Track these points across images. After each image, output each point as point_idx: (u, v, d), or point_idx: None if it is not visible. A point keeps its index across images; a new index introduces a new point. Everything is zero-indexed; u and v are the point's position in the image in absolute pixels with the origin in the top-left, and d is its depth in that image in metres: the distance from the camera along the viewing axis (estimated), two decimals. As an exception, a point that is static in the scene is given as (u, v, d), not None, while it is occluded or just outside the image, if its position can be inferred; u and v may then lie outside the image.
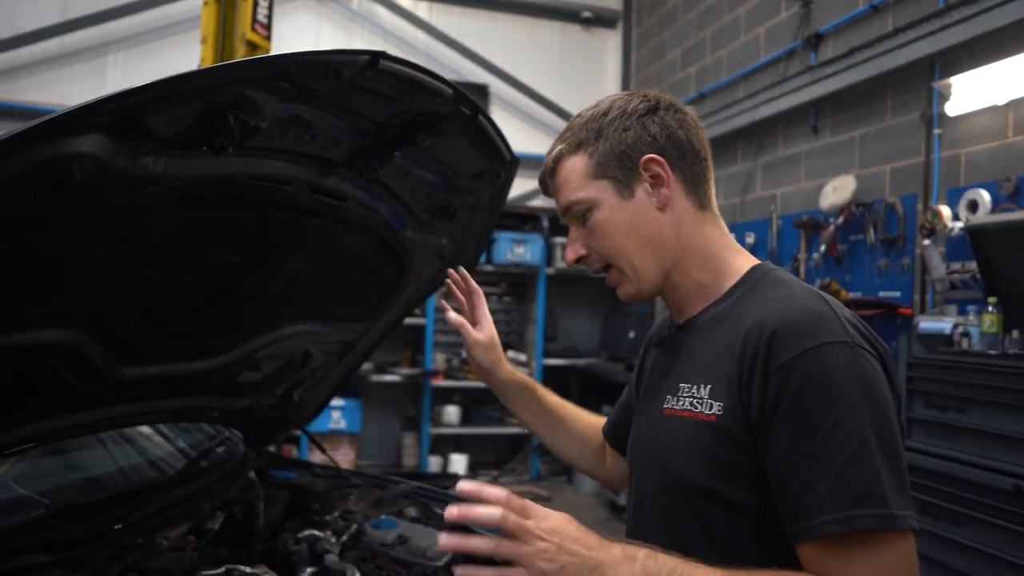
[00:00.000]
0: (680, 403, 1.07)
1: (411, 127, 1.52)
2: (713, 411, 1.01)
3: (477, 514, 0.84)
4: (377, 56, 1.20)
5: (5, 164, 0.90)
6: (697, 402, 1.04)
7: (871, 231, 3.94)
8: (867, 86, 4.08)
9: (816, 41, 4.50)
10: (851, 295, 4.01)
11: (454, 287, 1.60)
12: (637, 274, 1.13)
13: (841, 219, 4.08)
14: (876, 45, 3.93)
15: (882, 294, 3.86)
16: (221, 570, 1.57)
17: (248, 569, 1.57)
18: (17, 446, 1.53)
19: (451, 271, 1.61)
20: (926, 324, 3.05)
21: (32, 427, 1.54)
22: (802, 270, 4.45)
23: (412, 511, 2.16)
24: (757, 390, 0.96)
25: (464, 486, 0.89)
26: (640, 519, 1.14)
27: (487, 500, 0.87)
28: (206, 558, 1.73)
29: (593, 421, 1.59)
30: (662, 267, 1.13)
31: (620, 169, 1.11)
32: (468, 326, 1.56)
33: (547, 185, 1.20)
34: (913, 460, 2.84)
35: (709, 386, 1.03)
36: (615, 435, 1.46)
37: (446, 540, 0.86)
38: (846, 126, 4.29)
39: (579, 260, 1.17)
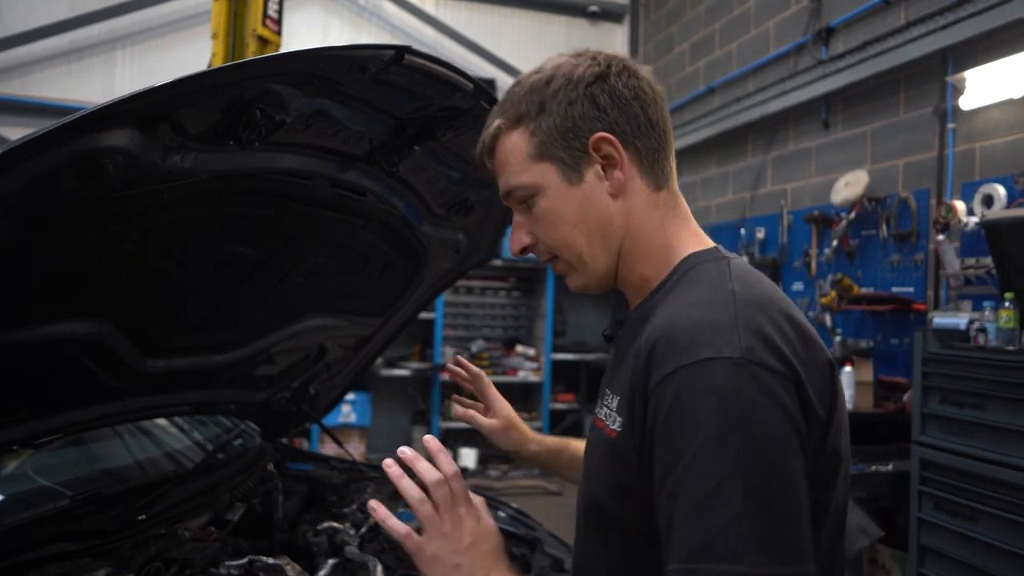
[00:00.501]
0: (600, 412, 0.98)
1: (431, 122, 1.53)
2: (615, 426, 0.90)
3: (421, 467, 0.93)
4: (402, 51, 1.21)
5: (42, 158, 0.91)
6: (608, 413, 0.94)
7: (884, 226, 3.93)
8: (879, 80, 4.06)
9: (827, 35, 4.48)
10: (863, 290, 4.00)
11: (459, 379, 1.48)
12: (586, 267, 1.01)
13: (853, 214, 4.07)
14: (888, 39, 3.92)
15: (895, 290, 3.86)
16: (244, 560, 1.58)
17: (270, 560, 1.59)
18: (43, 437, 1.55)
19: (449, 364, 1.49)
20: (941, 320, 3.04)
21: (58, 418, 1.56)
22: (813, 265, 4.45)
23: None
24: (639, 410, 0.85)
25: (431, 444, 0.97)
26: (577, 529, 1.07)
27: (440, 466, 0.94)
28: (227, 549, 1.75)
29: None
30: (612, 258, 1.00)
31: (566, 150, 0.96)
32: (479, 417, 1.44)
33: (485, 164, 1.04)
34: (929, 456, 2.84)
35: (617, 397, 0.92)
36: None
37: (391, 468, 0.94)
38: (857, 120, 4.28)
39: (525, 250, 1.04)
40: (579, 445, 1.39)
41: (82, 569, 1.48)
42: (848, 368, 3.71)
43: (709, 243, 1.01)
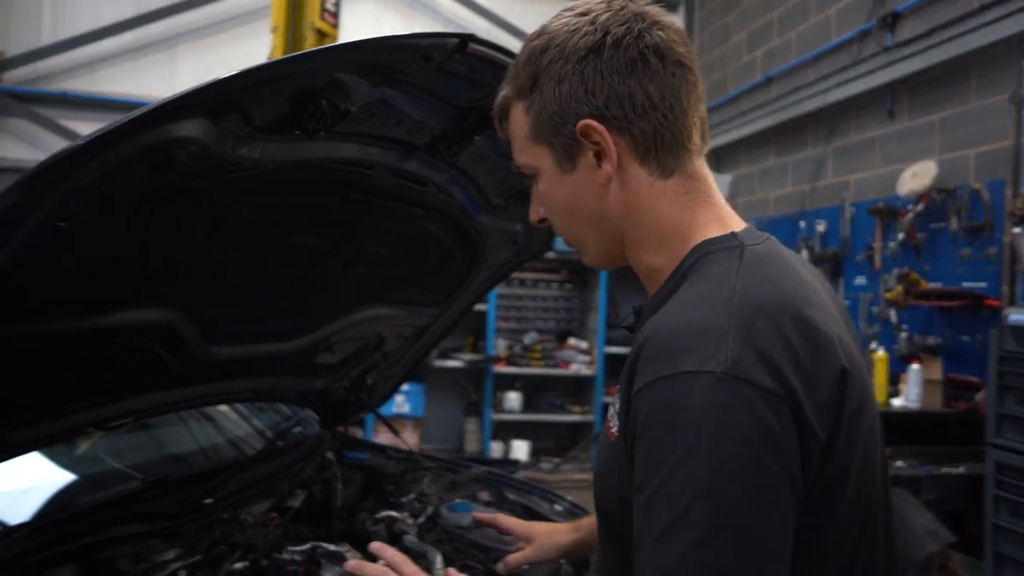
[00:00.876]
0: (610, 412, 0.91)
1: (492, 110, 1.52)
2: (615, 430, 0.85)
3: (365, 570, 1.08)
4: (466, 39, 1.20)
5: (118, 149, 0.93)
6: (613, 414, 0.88)
7: (953, 219, 3.77)
8: (948, 67, 3.90)
9: (893, 21, 4.31)
10: (931, 285, 3.86)
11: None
12: (586, 249, 0.96)
13: (921, 206, 3.92)
14: (959, 24, 3.75)
15: (966, 285, 3.70)
16: (306, 546, 1.60)
17: (332, 547, 1.61)
18: (115, 420, 1.59)
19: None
20: (1017, 316, 2.90)
21: (129, 403, 1.61)
22: (877, 259, 4.30)
23: (485, 495, 2.18)
24: (625, 415, 0.80)
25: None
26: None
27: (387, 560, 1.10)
28: (289, 534, 1.78)
29: None
30: (613, 245, 0.93)
31: (556, 136, 0.87)
32: (519, 556, 1.40)
33: (500, 129, 0.98)
34: (1005, 459, 2.72)
35: (620, 400, 0.86)
36: None
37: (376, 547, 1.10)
38: (925, 109, 4.11)
39: (542, 221, 0.98)
40: None
41: (152, 550, 1.52)
42: (915, 366, 3.59)
43: (733, 226, 0.90)
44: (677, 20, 0.90)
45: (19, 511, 1.57)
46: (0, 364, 1.23)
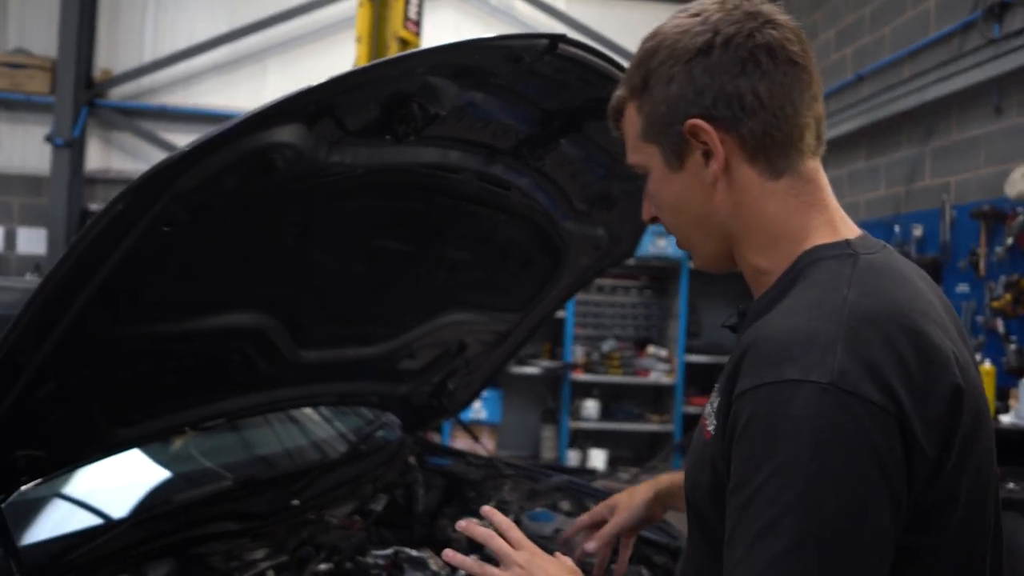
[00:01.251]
0: (706, 409, 0.92)
1: (578, 113, 1.49)
2: (711, 428, 0.86)
3: (476, 532, 1.02)
4: (556, 40, 1.18)
5: (219, 155, 0.95)
6: (710, 412, 0.88)
7: (1069, 221, 3.51)
8: (1065, 58, 3.63)
9: (1000, 11, 4.05)
10: (1043, 292, 3.59)
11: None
12: (695, 250, 0.96)
13: (1032, 208, 3.67)
14: (1078, 11, 3.49)
15: (1082, 292, 3.43)
16: (390, 551, 1.61)
17: (415, 552, 1.61)
18: (209, 421, 1.64)
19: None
20: None
21: (222, 404, 1.65)
22: (982, 265, 4.04)
23: (566, 505, 2.14)
24: (724, 415, 0.80)
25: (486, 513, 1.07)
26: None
27: (495, 524, 1.03)
28: (372, 538, 1.80)
29: None
30: (721, 245, 0.93)
31: (666, 135, 0.88)
32: (613, 525, 1.38)
33: (614, 128, 0.98)
34: None
35: (719, 398, 0.86)
36: None
37: (449, 555, 1.02)
38: (1037, 104, 3.85)
39: (653, 220, 0.98)
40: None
41: (242, 548, 1.56)
42: (1025, 380, 3.34)
43: (846, 233, 0.88)
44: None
45: (121, 506, 1.63)
46: (109, 364, 1.28)
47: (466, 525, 1.04)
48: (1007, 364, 3.66)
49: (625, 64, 0.99)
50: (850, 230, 0.89)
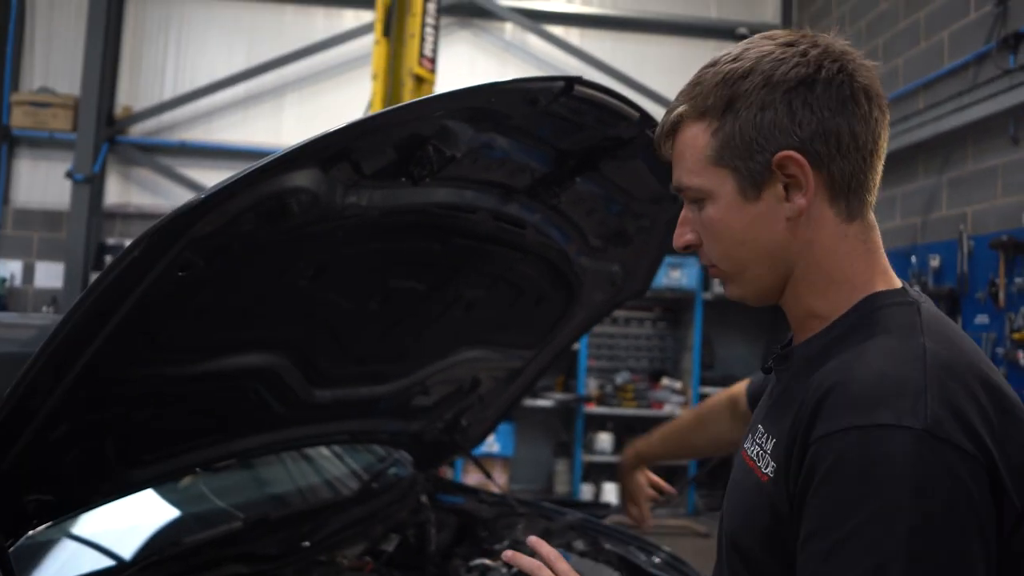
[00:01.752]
0: (751, 449, 0.90)
1: (594, 152, 1.50)
2: (768, 471, 0.83)
3: (523, 562, 0.97)
4: (572, 82, 1.19)
5: (236, 200, 0.95)
6: (761, 454, 0.86)
7: (1090, 253, 3.46)
8: (1081, 89, 3.61)
9: (1015, 42, 4.05)
10: (1066, 325, 3.53)
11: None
12: (745, 282, 0.91)
13: (1052, 239, 3.62)
14: (1093, 43, 3.48)
15: (1107, 325, 3.37)
16: (402, 594, 1.59)
17: (428, 595, 1.58)
18: (221, 460, 1.63)
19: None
20: None
21: (234, 444, 1.64)
22: (1001, 296, 3.99)
23: (580, 544, 2.11)
24: (796, 460, 0.77)
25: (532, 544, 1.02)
26: (718, 556, 1.00)
27: (542, 556, 0.98)
28: (384, 580, 1.77)
29: (709, 402, 1.62)
30: (778, 281, 0.90)
31: (747, 160, 0.84)
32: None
33: (662, 147, 0.93)
34: None
35: (774, 440, 0.84)
36: (754, 399, 1.30)
37: (509, 556, 1.01)
38: (1054, 135, 3.82)
39: (688, 248, 0.93)
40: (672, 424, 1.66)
41: (253, 591, 1.54)
42: (1051, 415, 3.27)
43: (897, 282, 0.88)
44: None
45: (130, 547, 1.62)
46: (122, 406, 1.27)
47: (513, 556, 1.00)
48: (1031, 399, 3.58)
49: (632, 97, 0.97)
50: (898, 278, 0.89)
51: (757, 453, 0.87)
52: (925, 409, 0.71)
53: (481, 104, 1.11)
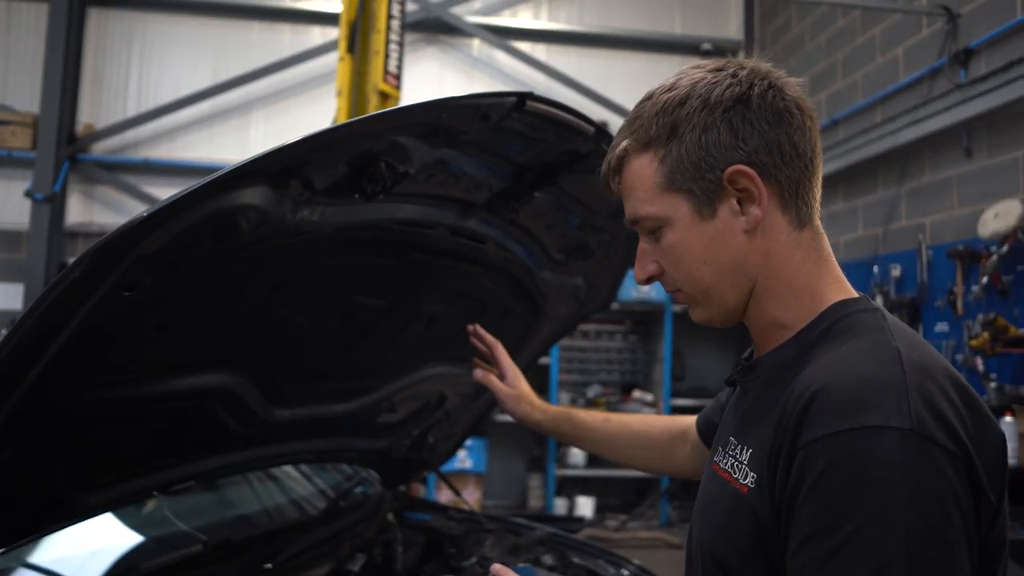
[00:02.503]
0: (724, 461, 0.91)
1: (551, 167, 1.50)
2: (746, 481, 0.84)
3: None
4: (523, 97, 1.19)
5: (181, 218, 0.94)
6: (737, 466, 0.87)
7: (1043, 260, 3.56)
8: (1030, 102, 3.73)
9: (966, 57, 4.18)
10: (1022, 331, 3.62)
11: (476, 343, 1.58)
12: (711, 303, 0.93)
13: (1005, 248, 3.72)
14: (1039, 57, 3.60)
15: (1060, 330, 3.46)
16: (366, 615, 1.56)
17: (392, 615, 1.56)
18: (179, 483, 1.60)
19: (468, 327, 1.59)
20: (1123, 364, 2.68)
21: (193, 466, 1.61)
22: (959, 304, 4.08)
23: (549, 559, 2.10)
24: (783, 468, 0.78)
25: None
26: (688, 571, 1.00)
27: None
28: (349, 601, 1.74)
29: (649, 419, 1.55)
30: (743, 297, 0.92)
31: (698, 181, 0.87)
32: (495, 381, 1.57)
33: (610, 185, 0.96)
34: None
35: (750, 450, 0.86)
36: (705, 430, 1.29)
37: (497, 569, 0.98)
38: (1006, 146, 3.93)
39: (650, 279, 0.96)
40: (587, 414, 1.50)
41: (213, 616, 1.50)
42: (1008, 418, 3.34)
43: (853, 291, 0.92)
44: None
45: (89, 573, 1.58)
46: (69, 430, 1.24)
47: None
48: (988, 402, 3.66)
49: (599, 111, 0.99)
50: (851, 288, 0.93)
51: (732, 465, 0.88)
52: (909, 410, 0.73)
53: (432, 120, 1.11)
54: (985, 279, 3.86)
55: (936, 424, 0.73)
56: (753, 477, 0.83)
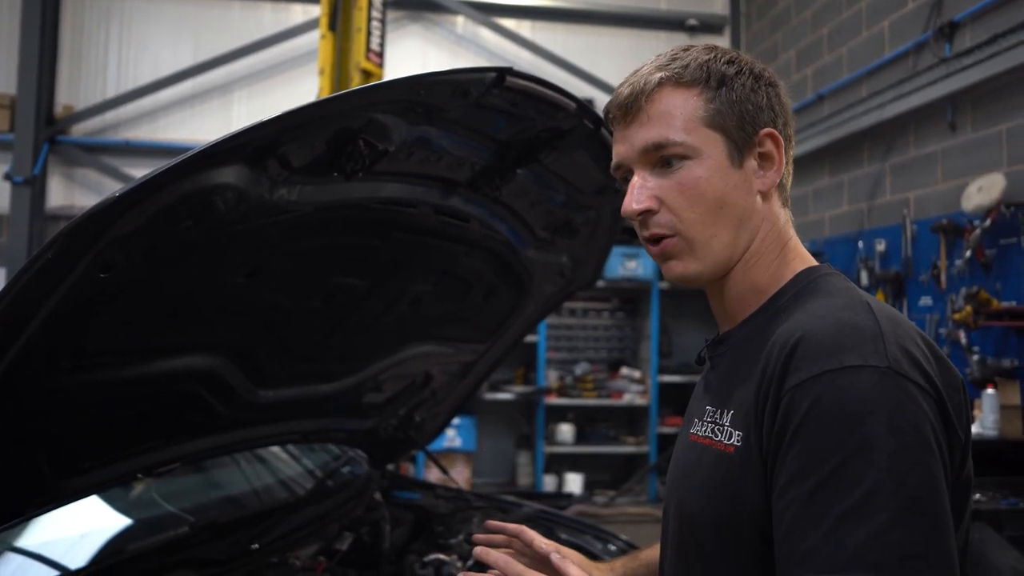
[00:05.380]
0: (702, 429, 0.93)
1: (534, 143, 1.49)
2: (732, 441, 0.86)
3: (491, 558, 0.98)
4: (503, 73, 1.18)
5: (156, 198, 0.93)
6: (718, 429, 0.89)
7: (1025, 234, 3.58)
8: (1014, 75, 3.72)
9: (951, 31, 4.16)
10: (1004, 305, 3.65)
11: (499, 539, 1.18)
12: (706, 255, 0.92)
13: (988, 222, 3.73)
14: (1023, 30, 3.60)
15: (1041, 303, 3.50)
16: (354, 593, 1.57)
17: (380, 592, 1.57)
18: (164, 466, 1.59)
19: (476, 541, 1.20)
20: (1102, 336, 2.72)
21: (178, 448, 1.60)
22: (943, 278, 4.11)
23: (537, 535, 2.11)
24: (769, 415, 0.81)
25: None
26: (664, 554, 1.01)
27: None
28: (338, 579, 1.75)
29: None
30: (735, 255, 0.94)
31: (739, 129, 0.91)
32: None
33: (629, 109, 0.93)
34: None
35: (731, 411, 0.88)
36: None
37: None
38: (990, 120, 3.93)
39: (645, 212, 0.92)
40: (650, 553, 1.21)
41: (200, 597, 1.51)
42: (991, 390, 3.39)
43: (815, 260, 0.99)
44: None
45: (76, 557, 1.58)
46: (51, 414, 1.23)
47: (483, 552, 1.01)
48: (971, 375, 3.70)
49: (585, 88, 1.00)
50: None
51: (712, 430, 0.91)
52: (885, 350, 0.78)
53: (411, 96, 1.10)
54: (968, 253, 3.88)
55: (909, 364, 0.78)
56: (739, 435, 0.85)
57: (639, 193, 0.92)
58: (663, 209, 0.91)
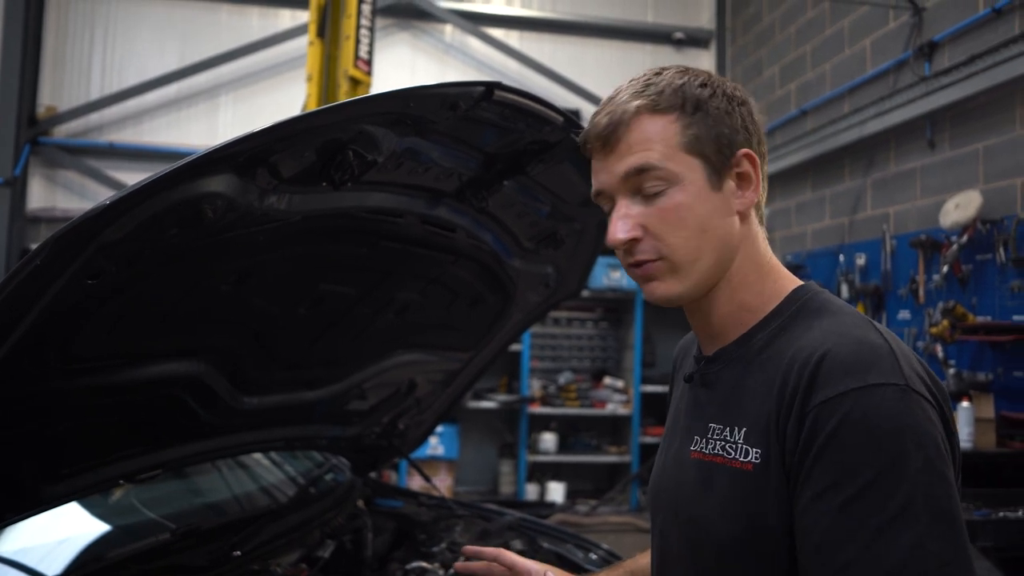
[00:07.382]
0: (709, 446, 0.92)
1: (521, 156, 1.51)
2: (749, 458, 0.87)
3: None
4: (492, 87, 1.20)
5: (145, 206, 0.93)
6: (730, 447, 0.89)
7: (1001, 250, 3.65)
8: (991, 95, 3.81)
9: (930, 50, 4.25)
10: (979, 319, 3.72)
11: (477, 568, 1.15)
12: (689, 276, 0.93)
13: (965, 238, 3.81)
14: (1001, 51, 3.67)
15: (1016, 318, 3.56)
16: (336, 601, 1.57)
17: (361, 600, 1.57)
18: (146, 472, 1.59)
19: (465, 549, 1.24)
20: (1074, 351, 2.78)
21: (161, 454, 1.60)
22: (921, 293, 4.17)
23: (518, 544, 2.12)
24: (793, 430, 0.82)
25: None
26: (664, 572, 1.00)
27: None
28: (319, 587, 1.75)
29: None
30: (718, 275, 0.95)
31: (716, 153, 0.92)
32: None
33: (608, 139, 0.93)
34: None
35: (744, 429, 0.89)
36: None
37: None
38: (968, 138, 4.02)
39: (632, 241, 0.92)
40: (632, 564, 1.22)
41: (180, 604, 1.50)
42: (965, 403, 3.44)
43: (799, 280, 1.00)
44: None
45: (54, 563, 1.56)
46: (33, 419, 1.23)
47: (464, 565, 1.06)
48: (947, 388, 3.76)
49: (571, 99, 1.07)
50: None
51: (722, 448, 0.90)
52: (900, 369, 0.82)
53: (400, 109, 1.11)
54: (946, 268, 3.95)
55: (918, 380, 0.82)
56: (757, 452, 0.86)
57: (623, 223, 0.92)
58: (647, 236, 0.92)
